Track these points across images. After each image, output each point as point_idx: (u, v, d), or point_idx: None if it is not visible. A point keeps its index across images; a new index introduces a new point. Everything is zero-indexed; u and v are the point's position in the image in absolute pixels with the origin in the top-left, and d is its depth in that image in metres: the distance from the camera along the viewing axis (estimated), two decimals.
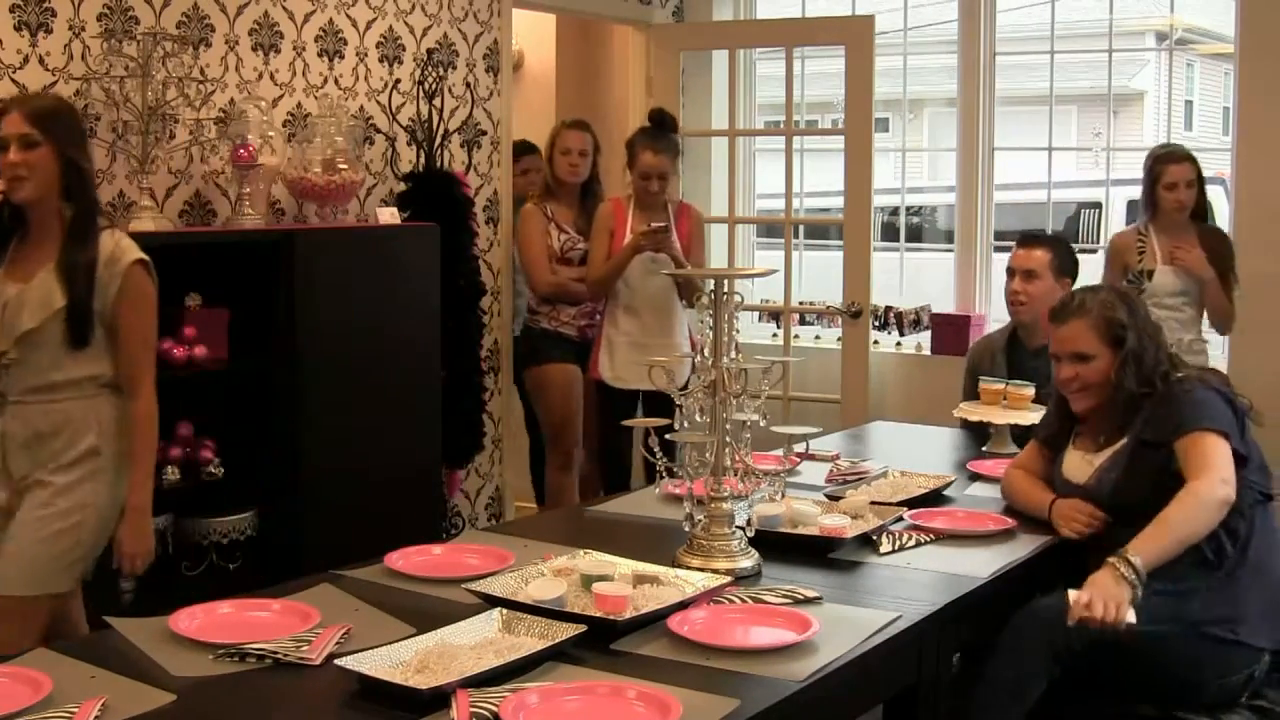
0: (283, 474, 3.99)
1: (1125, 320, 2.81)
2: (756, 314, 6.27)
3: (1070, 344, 2.86)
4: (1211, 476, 2.55)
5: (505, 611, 2.16)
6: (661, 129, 4.78)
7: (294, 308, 3.97)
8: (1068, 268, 3.86)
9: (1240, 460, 2.63)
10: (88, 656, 2.00)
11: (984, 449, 3.70)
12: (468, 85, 5.01)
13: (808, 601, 2.29)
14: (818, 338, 6.06)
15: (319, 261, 4.07)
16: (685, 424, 2.53)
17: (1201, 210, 4.59)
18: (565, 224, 4.92)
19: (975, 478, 3.39)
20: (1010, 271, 3.93)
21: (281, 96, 4.36)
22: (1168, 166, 4.54)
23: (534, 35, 6.40)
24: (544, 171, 5.02)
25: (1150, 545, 2.48)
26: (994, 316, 5.53)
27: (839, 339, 5.66)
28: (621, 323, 4.71)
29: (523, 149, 5.40)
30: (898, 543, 2.71)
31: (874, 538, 2.71)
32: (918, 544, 2.73)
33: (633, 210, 4.75)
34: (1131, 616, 2.36)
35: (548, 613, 2.14)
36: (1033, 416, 3.61)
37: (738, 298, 2.57)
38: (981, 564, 2.62)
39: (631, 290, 4.70)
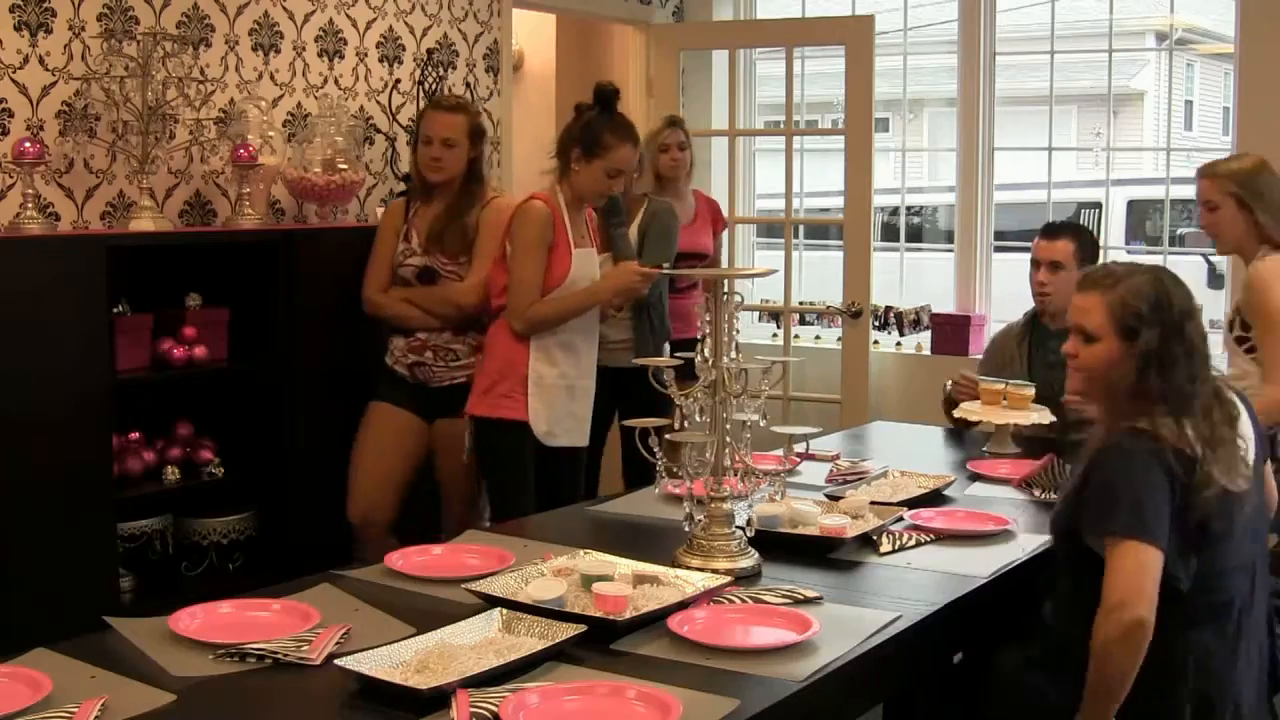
0: (283, 474, 3.99)
1: (1146, 314, 2.41)
2: (756, 314, 6.27)
3: (1079, 315, 2.50)
4: (1104, 607, 2.24)
5: (505, 611, 2.16)
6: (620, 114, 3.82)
7: (294, 308, 3.97)
8: (1091, 256, 3.87)
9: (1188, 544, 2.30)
10: (88, 656, 2.00)
11: (984, 449, 3.70)
12: (468, 85, 5.01)
13: (808, 601, 2.29)
14: (818, 338, 6.06)
15: (319, 261, 4.07)
16: (685, 424, 2.53)
17: None
18: (419, 230, 3.97)
19: (975, 478, 3.39)
20: (1035, 263, 3.90)
21: (281, 96, 4.36)
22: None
23: (534, 35, 6.40)
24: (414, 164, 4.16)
25: (1092, 712, 2.27)
26: (994, 316, 5.53)
27: (839, 339, 5.66)
28: (559, 361, 3.70)
29: None
30: (898, 543, 2.71)
31: (874, 538, 2.71)
32: (918, 544, 2.73)
33: (569, 213, 3.70)
34: None
35: (548, 613, 2.14)
36: (1033, 416, 3.61)
37: (738, 298, 2.57)
38: (981, 564, 2.62)
39: (575, 321, 3.74)
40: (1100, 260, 3.88)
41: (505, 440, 3.65)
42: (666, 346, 3.97)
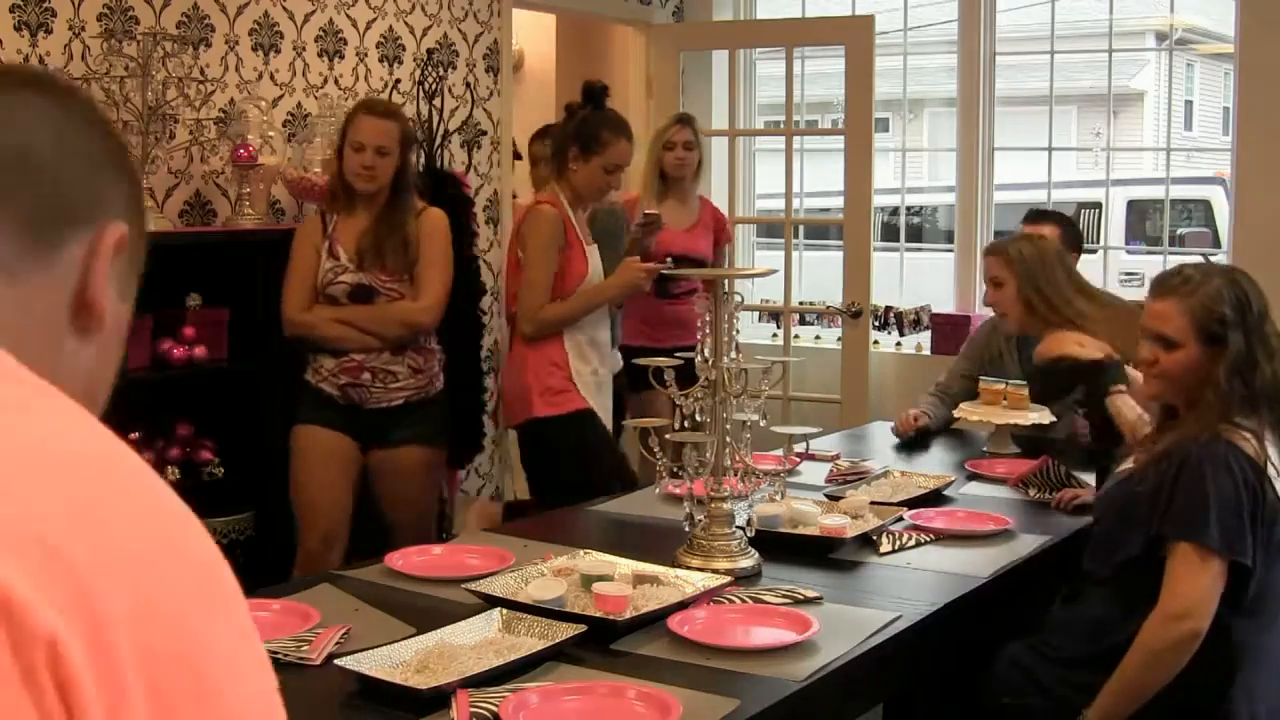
0: (282, 474, 3.99)
1: (1230, 318, 2.38)
2: (756, 314, 6.27)
3: (1156, 321, 2.44)
4: (1164, 613, 2.25)
5: (505, 611, 2.16)
6: (611, 109, 3.90)
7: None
8: (1074, 242, 3.88)
9: (1243, 570, 2.29)
10: None
11: (984, 449, 3.70)
12: (468, 85, 5.01)
13: (808, 601, 2.29)
14: (818, 338, 6.06)
15: None
16: (685, 424, 2.53)
17: None
18: (346, 244, 3.69)
19: (973, 477, 3.39)
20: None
21: (281, 96, 4.36)
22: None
23: (534, 35, 6.40)
24: (333, 169, 3.80)
25: (1111, 705, 2.30)
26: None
27: (839, 339, 5.66)
28: (590, 357, 3.79)
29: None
30: (898, 543, 2.71)
31: (874, 538, 2.71)
32: (918, 544, 2.73)
33: (574, 213, 3.77)
34: None
35: (548, 613, 2.14)
36: (1033, 416, 3.61)
37: (738, 298, 2.57)
38: (981, 564, 2.62)
39: (596, 317, 3.81)
40: (1082, 248, 3.89)
41: (580, 430, 3.73)
42: (618, 353, 4.07)
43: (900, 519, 2.85)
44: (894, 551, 2.68)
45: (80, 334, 0.85)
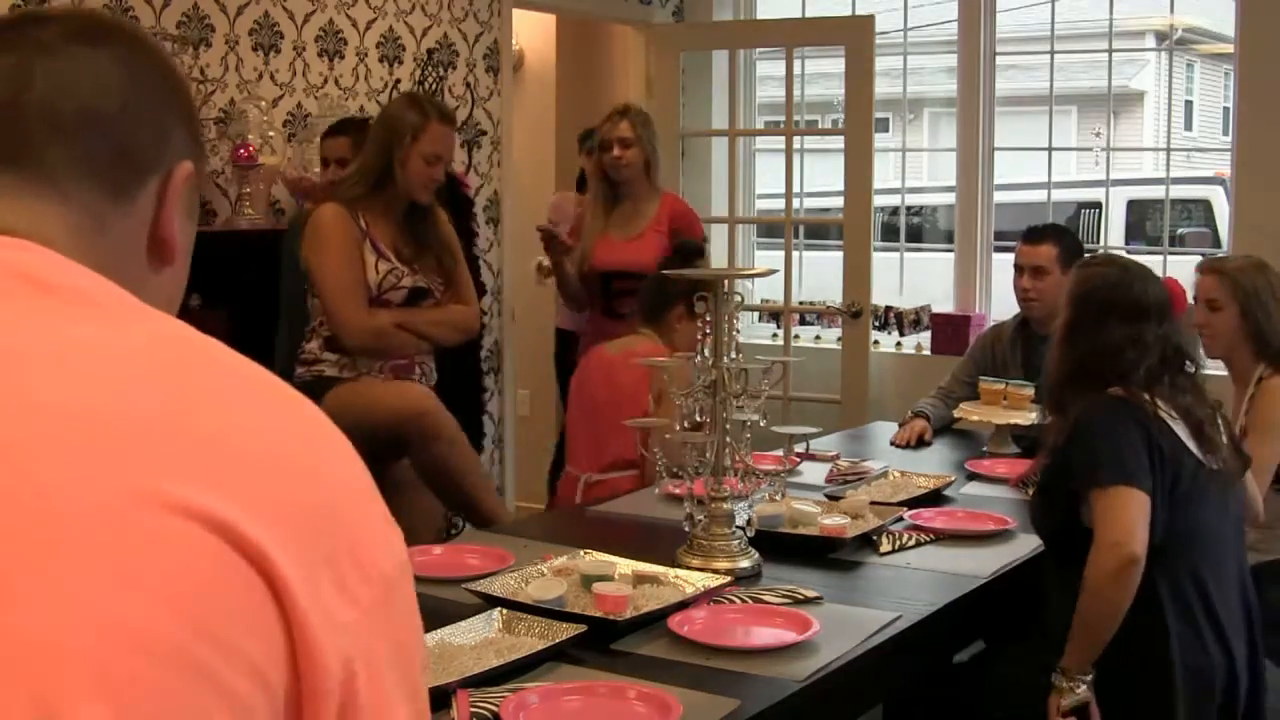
0: None
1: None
2: (756, 314, 6.27)
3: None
4: (1098, 545, 2.34)
5: (505, 611, 2.16)
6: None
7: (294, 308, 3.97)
8: (1075, 258, 3.87)
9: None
10: None
11: (984, 449, 3.70)
12: (468, 85, 5.01)
13: (808, 601, 2.29)
14: (818, 338, 6.06)
15: None
16: (685, 424, 2.53)
17: None
18: (385, 245, 3.48)
19: (972, 477, 3.39)
20: (1018, 268, 3.89)
21: (281, 96, 4.36)
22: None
23: (534, 35, 6.40)
24: (400, 176, 3.44)
25: (1074, 649, 2.37)
26: (994, 316, 5.53)
27: (839, 339, 5.66)
28: None
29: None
30: (898, 543, 2.71)
31: (874, 538, 2.71)
32: (918, 544, 2.73)
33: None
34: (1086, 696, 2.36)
35: (548, 613, 2.14)
36: (1033, 416, 3.61)
37: (737, 298, 2.57)
38: (981, 564, 2.62)
39: None
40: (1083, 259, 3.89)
41: None
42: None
43: (900, 519, 2.85)
44: (894, 551, 2.68)
45: (158, 268, 0.92)
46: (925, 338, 5.73)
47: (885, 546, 2.69)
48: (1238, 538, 2.57)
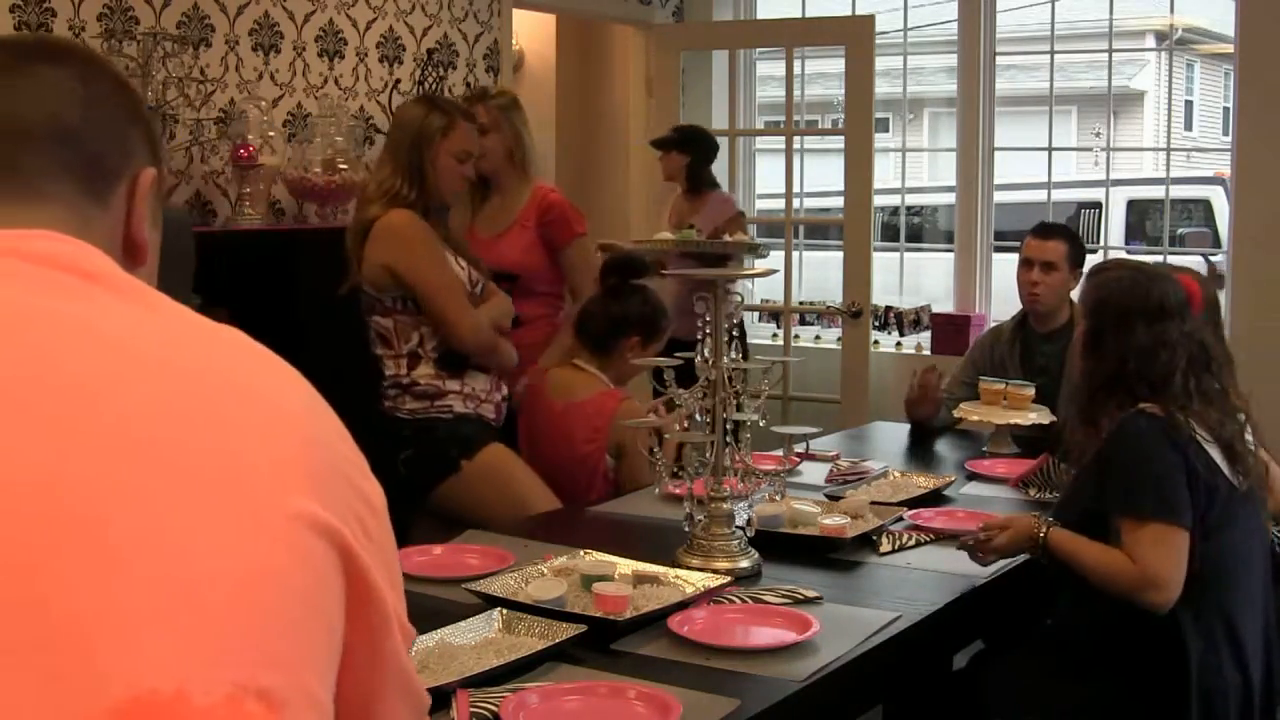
0: None
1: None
2: (756, 314, 6.27)
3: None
4: (1134, 576, 2.31)
5: (505, 611, 2.16)
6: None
7: (294, 308, 3.97)
8: (1080, 259, 3.87)
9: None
10: None
11: (984, 449, 3.70)
12: (468, 85, 5.01)
13: (808, 601, 2.29)
14: (818, 338, 6.07)
15: (319, 261, 4.06)
16: (685, 424, 2.53)
17: None
18: (452, 248, 3.38)
19: (972, 477, 3.39)
20: (1027, 262, 3.89)
21: (281, 96, 4.36)
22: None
23: (534, 35, 6.40)
24: (431, 177, 3.29)
25: (1068, 547, 2.40)
26: (994, 316, 5.53)
27: (839, 339, 5.66)
28: None
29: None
30: (898, 542, 2.71)
31: (874, 538, 2.71)
32: (918, 544, 2.73)
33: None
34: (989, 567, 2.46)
35: (548, 613, 2.14)
36: (1033, 416, 3.61)
37: (737, 298, 2.57)
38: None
39: None
40: (1087, 263, 3.89)
41: None
42: None
43: (900, 519, 2.85)
44: (894, 551, 2.67)
45: (131, 268, 0.97)
46: (925, 338, 5.73)
47: (885, 546, 2.69)
48: (1264, 558, 2.52)
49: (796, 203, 5.93)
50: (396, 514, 0.97)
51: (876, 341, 5.72)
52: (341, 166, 4.28)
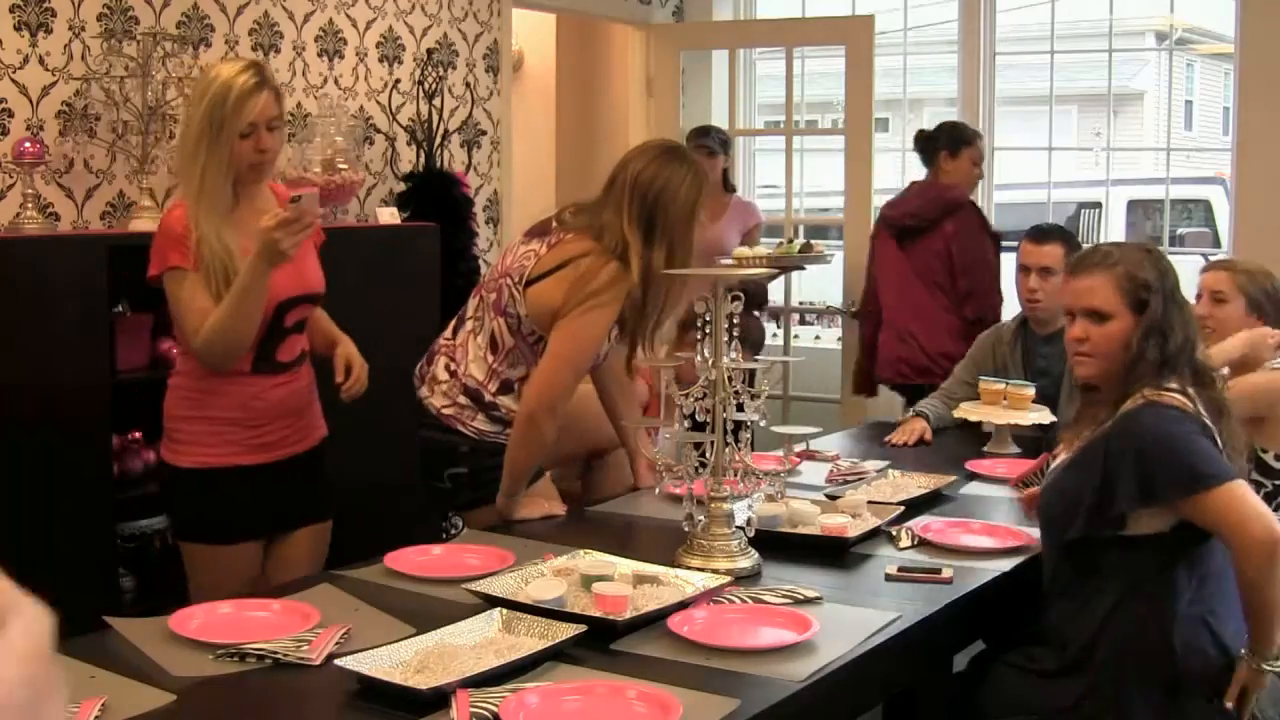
0: None
1: (1154, 284, 2.44)
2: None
3: (1086, 297, 2.49)
4: (1244, 542, 2.24)
5: (505, 611, 2.16)
6: None
7: None
8: None
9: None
10: (87, 656, 2.00)
11: (984, 449, 3.70)
12: (468, 85, 5.01)
13: (808, 601, 2.29)
14: (818, 338, 6.07)
15: (318, 261, 4.06)
16: (685, 424, 2.53)
17: None
18: None
19: (972, 476, 3.39)
20: (1024, 268, 3.88)
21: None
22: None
23: (534, 35, 6.41)
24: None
25: (1261, 635, 2.27)
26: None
27: (839, 339, 5.66)
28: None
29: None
30: (917, 538, 2.71)
31: (892, 533, 2.71)
32: (919, 544, 2.72)
33: None
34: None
35: (548, 613, 2.14)
36: (1033, 416, 3.61)
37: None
38: (982, 564, 2.61)
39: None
40: None
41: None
42: None
43: (900, 518, 2.84)
44: (913, 546, 2.67)
45: None
46: None
47: (904, 542, 2.69)
48: None
49: (796, 203, 5.93)
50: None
51: None
52: (341, 166, 4.28)
